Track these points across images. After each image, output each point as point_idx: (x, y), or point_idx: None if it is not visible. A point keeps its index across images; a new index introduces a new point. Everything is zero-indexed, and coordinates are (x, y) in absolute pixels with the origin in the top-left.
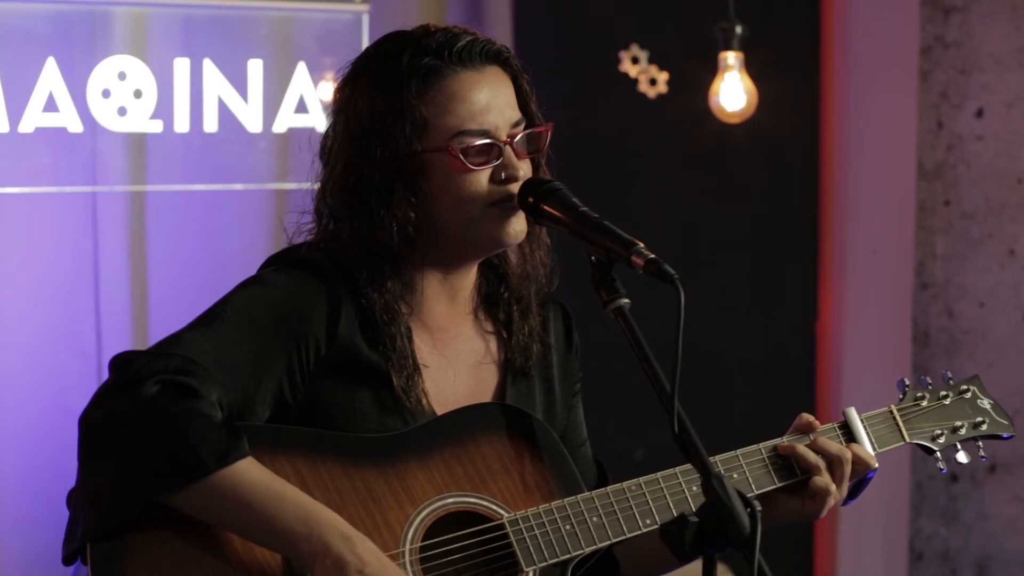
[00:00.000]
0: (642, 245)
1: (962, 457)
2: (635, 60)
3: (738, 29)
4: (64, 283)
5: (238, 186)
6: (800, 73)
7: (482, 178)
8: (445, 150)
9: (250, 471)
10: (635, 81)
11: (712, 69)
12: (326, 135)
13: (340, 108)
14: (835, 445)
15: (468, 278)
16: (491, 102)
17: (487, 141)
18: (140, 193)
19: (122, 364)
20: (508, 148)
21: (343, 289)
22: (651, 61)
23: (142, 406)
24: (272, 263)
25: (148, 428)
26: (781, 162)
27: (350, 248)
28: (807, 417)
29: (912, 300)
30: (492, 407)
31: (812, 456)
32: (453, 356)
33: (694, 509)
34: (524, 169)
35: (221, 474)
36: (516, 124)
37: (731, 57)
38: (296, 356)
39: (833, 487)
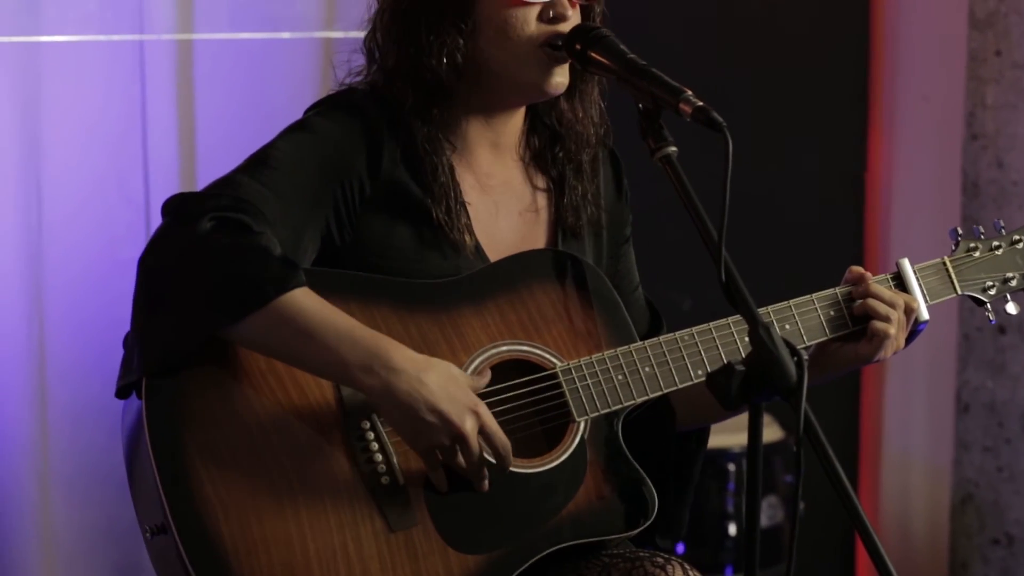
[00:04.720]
0: (690, 93)
1: (1011, 308)
2: None
3: None
4: (112, 133)
5: (285, 34)
6: None
7: (530, 14)
8: None
9: (309, 299)
10: None
11: None
12: None
13: None
14: (893, 292)
15: (512, 125)
16: None
17: None
18: (187, 41)
19: (175, 205)
20: None
21: (385, 126)
22: None
23: (198, 242)
24: (315, 108)
25: (206, 262)
26: (831, 9)
27: (396, 77)
28: (858, 269)
29: (962, 150)
30: (546, 253)
31: (884, 301)
32: (500, 199)
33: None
34: (574, 13)
35: (281, 301)
36: None
37: None
38: (342, 196)
39: (893, 331)
